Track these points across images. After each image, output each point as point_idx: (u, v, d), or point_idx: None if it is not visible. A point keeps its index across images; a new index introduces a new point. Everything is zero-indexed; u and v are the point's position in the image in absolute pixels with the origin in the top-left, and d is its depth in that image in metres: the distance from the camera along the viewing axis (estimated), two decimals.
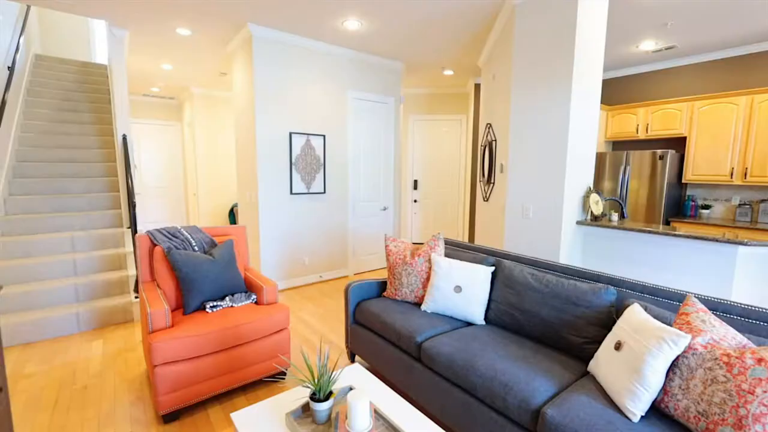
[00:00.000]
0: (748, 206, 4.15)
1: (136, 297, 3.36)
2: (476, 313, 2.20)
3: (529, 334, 2.01)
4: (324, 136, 4.26)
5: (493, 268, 2.30)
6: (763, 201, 4.09)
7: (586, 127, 2.86)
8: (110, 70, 4.12)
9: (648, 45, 4.16)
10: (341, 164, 4.48)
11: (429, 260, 2.42)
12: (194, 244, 2.53)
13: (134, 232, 3.42)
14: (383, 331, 2.25)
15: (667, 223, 4.39)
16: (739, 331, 1.49)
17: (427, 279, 2.41)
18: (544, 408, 1.43)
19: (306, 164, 4.15)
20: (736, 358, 1.19)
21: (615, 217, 2.93)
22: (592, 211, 2.90)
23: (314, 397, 1.39)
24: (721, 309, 1.57)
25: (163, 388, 1.93)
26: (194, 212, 7.01)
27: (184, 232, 2.59)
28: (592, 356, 1.75)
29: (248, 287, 2.62)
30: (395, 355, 2.17)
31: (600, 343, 1.74)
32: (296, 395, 1.57)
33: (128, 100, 6.71)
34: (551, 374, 1.63)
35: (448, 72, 5.33)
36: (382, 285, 2.69)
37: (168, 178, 7.41)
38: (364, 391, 1.16)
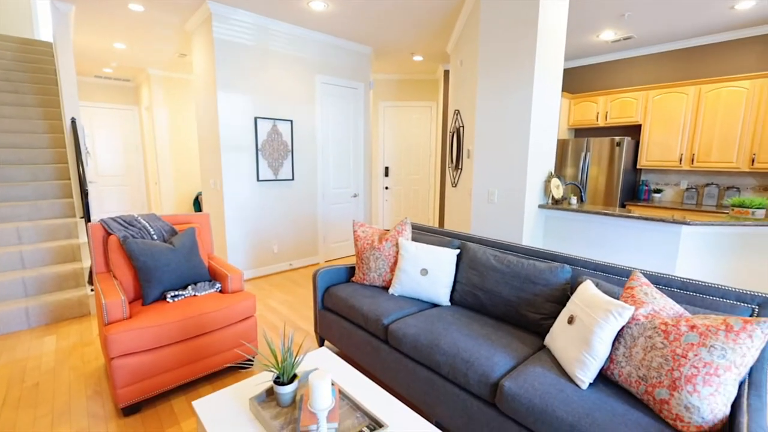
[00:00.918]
0: (694, 190, 4.45)
1: (93, 290, 3.19)
2: (442, 294, 2.25)
3: (492, 312, 2.09)
4: (291, 121, 4.15)
5: (458, 250, 2.35)
6: (707, 185, 4.39)
7: (548, 114, 2.95)
8: (55, 49, 3.81)
9: (608, 35, 4.30)
10: (310, 150, 4.40)
11: (396, 244, 2.44)
12: (153, 232, 2.43)
13: (88, 221, 3.23)
14: (351, 315, 2.27)
15: (622, 206, 4.64)
16: (678, 302, 1.60)
17: (395, 263, 2.43)
18: (502, 381, 1.50)
19: (273, 150, 4.05)
20: (673, 326, 1.29)
21: (574, 200, 3.07)
22: (553, 195, 3.01)
23: (278, 381, 1.39)
24: (663, 283, 1.68)
25: (122, 381, 1.86)
26: (156, 201, 6.70)
27: (142, 221, 2.47)
28: (548, 331, 1.84)
29: (212, 276, 2.55)
30: (363, 338, 2.19)
31: (556, 318, 1.84)
32: (261, 380, 1.56)
33: (77, 81, 6.25)
34: (510, 349, 1.71)
35: (418, 58, 5.31)
36: (351, 270, 2.69)
37: (127, 166, 7.02)
38: (327, 371, 1.17)
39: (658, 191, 4.69)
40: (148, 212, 7.34)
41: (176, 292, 2.23)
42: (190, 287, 2.31)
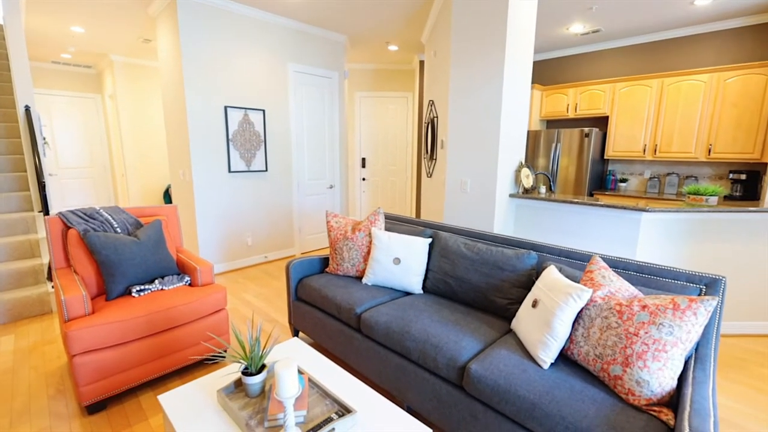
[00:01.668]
0: (656, 179, 4.66)
1: (54, 287, 3.05)
2: (414, 282, 2.28)
3: (462, 299, 2.13)
4: (263, 110, 4.06)
5: (430, 239, 2.38)
6: (668, 174, 4.61)
7: (519, 105, 3.00)
8: (5, 31, 3.56)
9: (577, 28, 4.40)
10: (284, 141, 4.33)
11: (369, 234, 2.45)
12: (116, 225, 2.34)
13: (46, 215, 3.07)
14: (325, 305, 2.27)
15: (591, 195, 4.80)
16: (635, 284, 1.69)
17: (368, 253, 2.44)
18: (469, 364, 1.54)
19: (245, 140, 3.95)
20: (626, 306, 1.36)
21: (543, 189, 3.15)
22: (523, 185, 3.09)
23: (246, 372, 1.38)
24: (621, 266, 1.76)
25: (85, 378, 1.80)
26: (124, 194, 6.44)
27: (104, 213, 2.37)
28: (515, 315, 1.90)
29: (181, 269, 2.49)
30: (336, 327, 2.20)
31: (522, 302, 1.90)
32: (229, 372, 1.54)
33: (32, 66, 5.88)
34: (478, 334, 1.76)
35: (393, 47, 5.28)
36: (325, 261, 2.69)
37: (91, 158, 6.69)
38: (293, 360, 1.17)
39: (624, 180, 4.89)
40: (115, 205, 7.05)
41: (142, 287, 2.16)
42: (157, 281, 2.24)
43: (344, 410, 1.31)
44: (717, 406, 1.23)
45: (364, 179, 6.69)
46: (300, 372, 1.50)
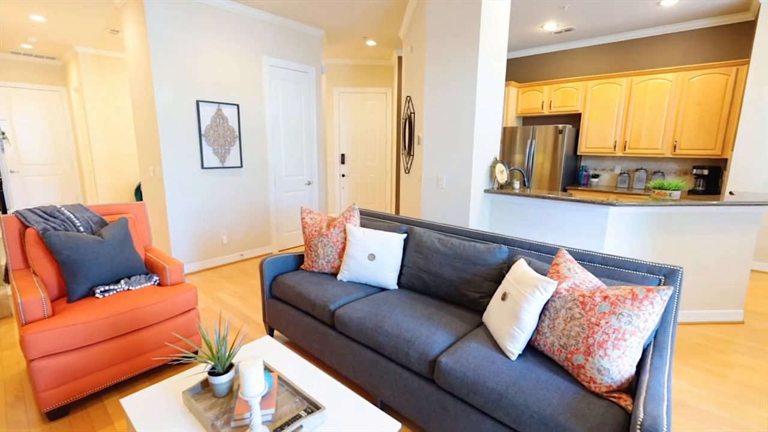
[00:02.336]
0: (626, 175, 4.82)
1: None
2: (389, 278, 2.29)
3: (436, 293, 2.15)
4: (238, 105, 3.97)
5: (405, 235, 2.39)
6: (637, 170, 4.77)
7: (493, 101, 3.04)
8: None
9: (551, 26, 4.48)
10: (259, 137, 4.24)
11: (344, 231, 2.44)
12: (79, 224, 2.24)
13: (4, 214, 2.91)
14: (299, 302, 2.24)
15: (564, 190, 4.93)
16: (600, 275, 1.74)
17: (343, 249, 2.43)
18: (440, 357, 1.56)
19: (218, 136, 3.85)
20: (589, 297, 1.40)
21: (517, 185, 3.21)
22: (498, 180, 3.13)
23: (213, 371, 1.35)
24: (587, 258, 1.82)
25: (44, 384, 1.72)
26: (92, 192, 6.18)
27: (66, 212, 2.27)
28: (486, 308, 1.93)
29: (150, 268, 2.41)
30: (311, 324, 2.18)
31: (493, 296, 1.93)
32: (196, 372, 1.51)
33: None
34: (450, 328, 1.78)
35: (371, 43, 5.25)
36: (300, 258, 2.66)
37: (56, 154, 6.39)
38: (260, 358, 1.16)
39: (596, 176, 5.03)
40: (85, 204, 6.79)
41: (107, 287, 2.08)
42: (123, 281, 2.17)
43: (313, 407, 1.30)
44: (671, 390, 1.29)
45: (343, 175, 6.65)
46: (269, 370, 1.48)
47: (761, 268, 4.13)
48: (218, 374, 1.34)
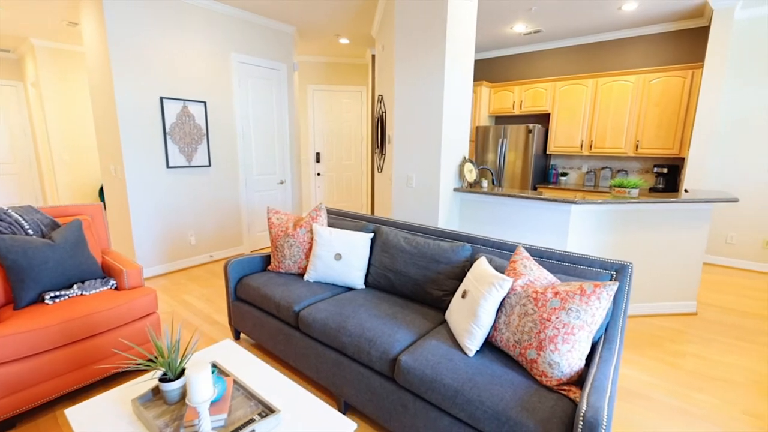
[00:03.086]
0: (593, 173, 4.98)
1: None
2: (356, 277, 2.29)
3: (401, 292, 2.16)
4: (205, 102, 3.86)
5: (372, 234, 2.39)
6: (603, 168, 4.94)
7: (461, 101, 3.07)
8: None
9: (520, 27, 4.57)
10: (229, 135, 4.15)
11: (311, 231, 2.41)
12: (27, 227, 2.13)
13: None
14: (264, 304, 2.21)
15: (534, 188, 5.05)
16: (557, 272, 1.79)
17: (310, 249, 2.41)
18: (400, 356, 1.57)
19: (184, 134, 3.74)
20: (541, 293, 1.43)
21: (485, 184, 3.26)
22: (466, 179, 3.17)
23: (164, 378, 1.31)
24: (546, 255, 1.86)
25: None
26: (52, 192, 5.89)
27: (14, 214, 2.15)
28: (449, 306, 1.95)
29: (107, 272, 2.32)
30: (276, 326, 2.15)
31: (455, 294, 1.95)
32: (148, 379, 1.46)
33: None
34: (413, 326, 1.79)
35: (344, 40, 5.21)
36: (267, 259, 2.62)
37: (12, 152, 6.04)
38: (207, 362, 1.13)
39: (565, 174, 5.18)
40: (44, 204, 6.46)
41: (57, 293, 1.99)
42: (75, 286, 2.07)
43: (267, 410, 1.28)
44: (617, 381, 1.34)
45: (318, 174, 6.59)
46: (225, 374, 1.45)
47: (713, 261, 4.36)
48: (169, 380, 1.30)
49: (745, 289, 3.60)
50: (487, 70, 5.82)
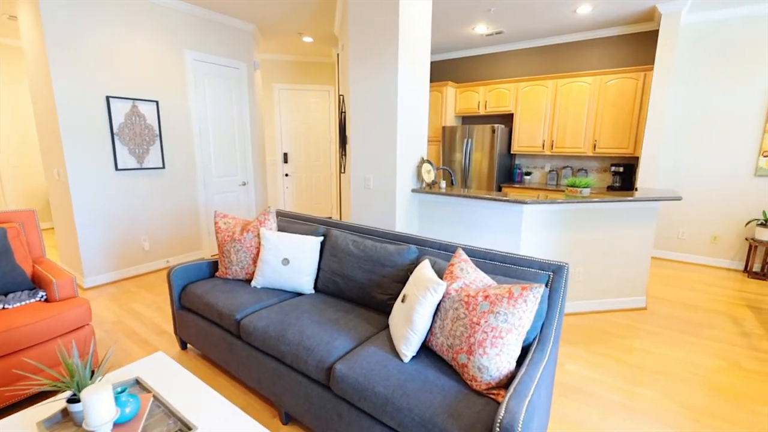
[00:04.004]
0: (554, 172, 5.09)
1: None
2: (305, 283, 2.23)
3: (349, 297, 2.13)
4: (157, 102, 3.71)
5: (322, 238, 2.34)
6: (564, 168, 5.05)
7: (418, 100, 3.06)
8: None
9: (481, 28, 4.61)
10: (185, 135, 4.00)
11: (258, 235, 2.34)
12: None
13: None
14: (207, 312, 2.13)
15: (499, 188, 5.12)
16: (498, 273, 1.79)
17: (258, 254, 2.34)
18: (335, 364, 1.53)
19: (134, 135, 3.58)
20: (473, 297, 1.43)
21: (444, 184, 3.27)
22: (424, 180, 3.17)
23: (74, 398, 1.23)
24: (488, 257, 1.87)
25: None
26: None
27: None
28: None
29: (38, 284, 2.18)
30: (219, 335, 2.08)
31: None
32: (59, 400, 1.37)
33: None
34: (355, 332, 1.75)
35: (308, 39, 5.12)
36: (215, 265, 2.53)
37: None
38: (107, 381, 1.06)
39: (529, 173, 5.27)
40: None
41: None
42: None
43: (185, 428, 1.22)
44: (551, 382, 1.34)
45: (287, 175, 6.48)
46: (146, 390, 1.37)
47: (666, 256, 4.53)
48: (78, 401, 1.21)
49: (693, 282, 3.76)
50: (452, 71, 5.85)
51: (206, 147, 4.23)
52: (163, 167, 3.83)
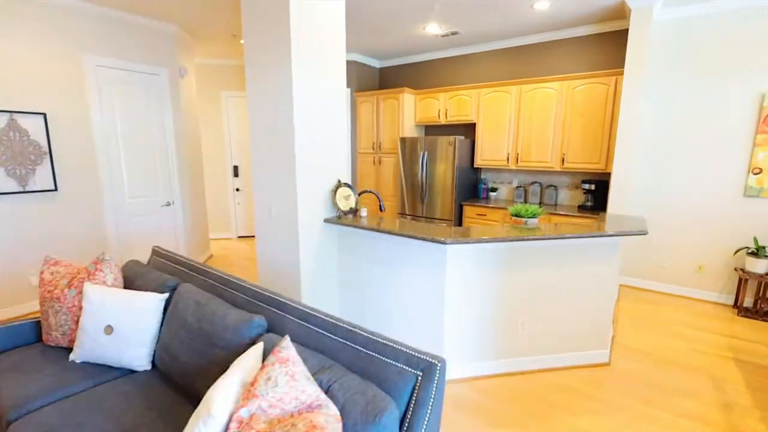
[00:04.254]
0: (522, 188, 4.54)
1: None
2: (136, 357, 1.69)
3: (178, 384, 1.58)
4: (44, 114, 3.19)
5: (167, 295, 1.80)
6: (532, 183, 4.51)
7: (330, 114, 2.54)
8: None
9: (434, 28, 4.10)
10: (85, 152, 3.48)
11: (81, 292, 1.81)
12: None
13: None
14: None
15: (460, 206, 4.57)
16: (355, 362, 1.25)
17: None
18: None
19: (14, 153, 3.06)
20: None
21: (365, 212, 2.73)
22: (340, 207, 2.63)
23: None
24: (350, 339, 1.34)
25: None
26: None
27: None
28: None
29: None
30: None
31: None
32: None
33: None
34: None
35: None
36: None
37: None
38: None
39: (494, 189, 4.73)
40: None
41: None
42: None
43: None
44: None
45: (238, 189, 5.95)
46: None
47: (647, 286, 3.98)
48: None
49: (673, 323, 3.20)
50: (410, 76, 5.34)
51: (115, 164, 3.70)
52: (56, 190, 3.30)
